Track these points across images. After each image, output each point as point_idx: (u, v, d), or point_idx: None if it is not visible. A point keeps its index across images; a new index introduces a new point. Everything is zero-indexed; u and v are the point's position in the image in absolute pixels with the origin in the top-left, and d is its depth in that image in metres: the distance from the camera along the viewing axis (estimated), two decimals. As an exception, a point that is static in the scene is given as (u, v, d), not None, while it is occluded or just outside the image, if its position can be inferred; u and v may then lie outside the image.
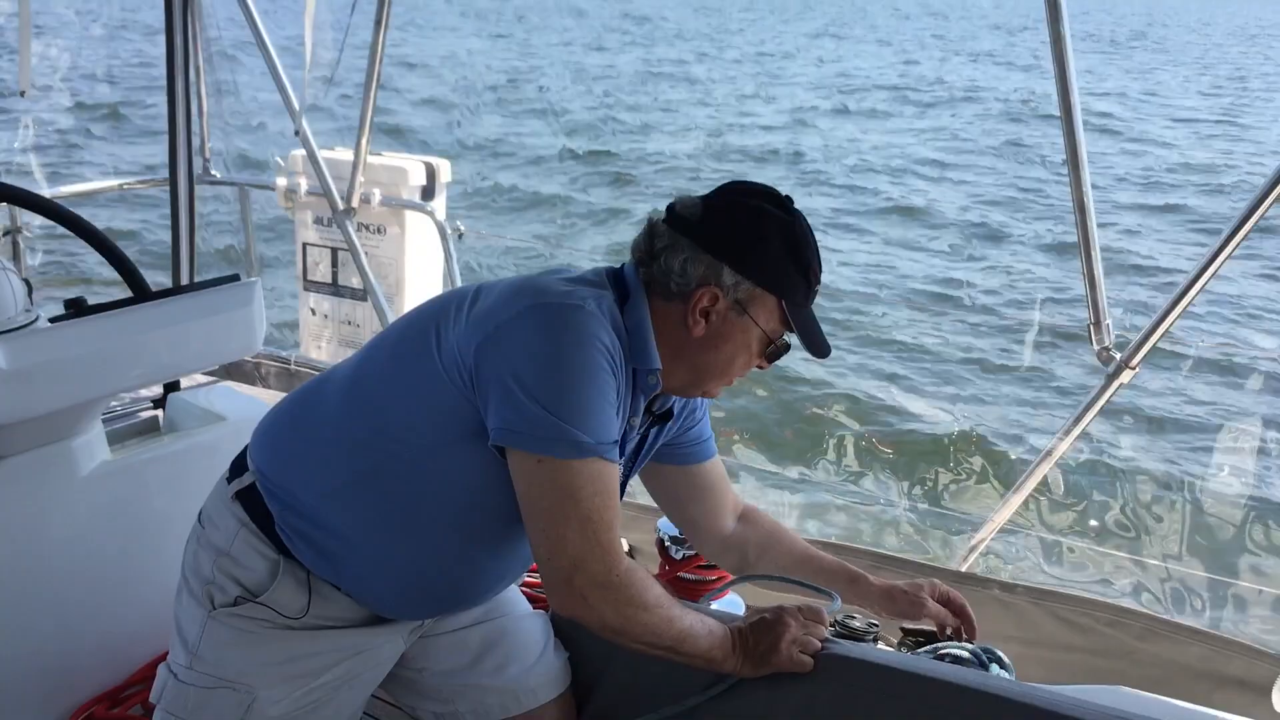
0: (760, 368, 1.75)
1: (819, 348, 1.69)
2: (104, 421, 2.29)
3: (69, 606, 2.17)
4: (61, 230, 2.35)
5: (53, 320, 2.10)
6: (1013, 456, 6.55)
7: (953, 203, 14.94)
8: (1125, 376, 2.88)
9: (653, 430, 1.82)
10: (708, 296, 1.64)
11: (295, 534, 1.67)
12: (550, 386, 1.52)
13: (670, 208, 1.70)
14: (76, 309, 2.10)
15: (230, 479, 1.75)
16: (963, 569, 3.19)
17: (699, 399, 1.89)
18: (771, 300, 1.66)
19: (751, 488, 5.45)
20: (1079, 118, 2.73)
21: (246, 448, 1.78)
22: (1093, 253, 2.83)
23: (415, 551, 1.68)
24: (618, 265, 1.73)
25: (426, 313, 1.69)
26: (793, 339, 1.72)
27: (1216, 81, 33.48)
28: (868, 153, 18.43)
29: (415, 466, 1.62)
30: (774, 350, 1.71)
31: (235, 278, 2.33)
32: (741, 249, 1.64)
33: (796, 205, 1.70)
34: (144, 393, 2.60)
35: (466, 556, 1.72)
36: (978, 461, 6.58)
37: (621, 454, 1.72)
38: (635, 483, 1.95)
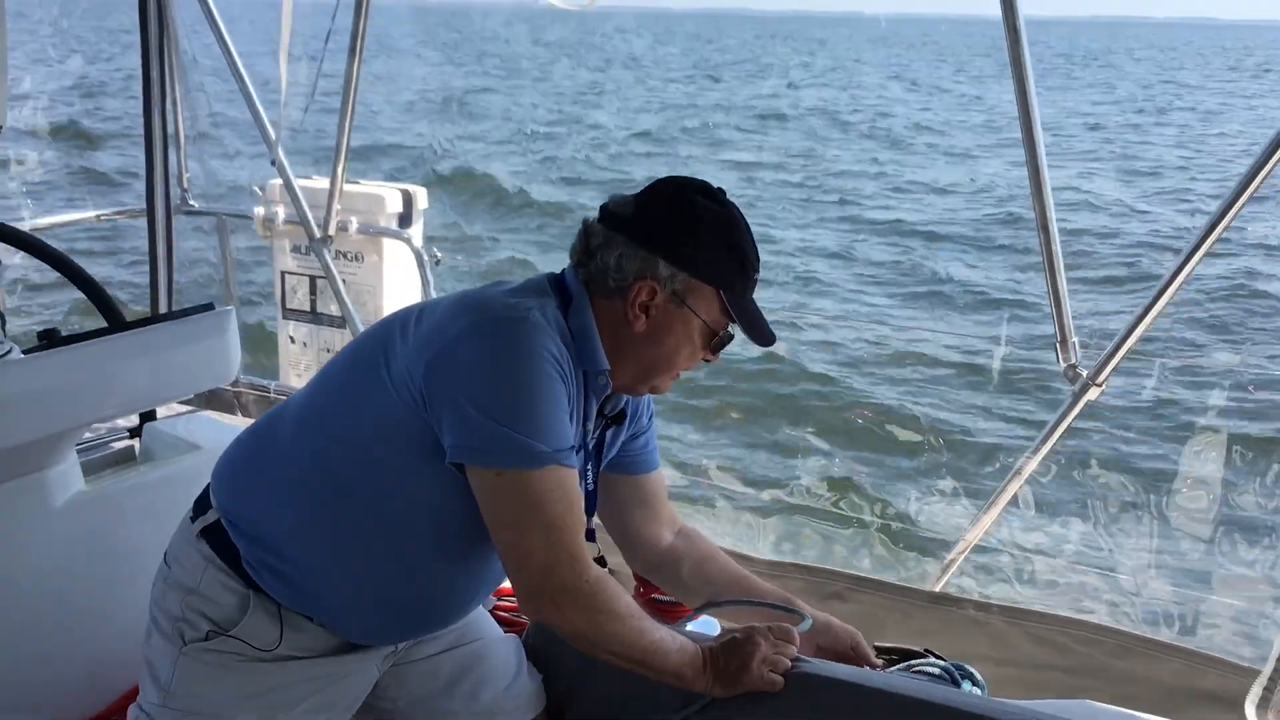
0: (707, 360, 1.76)
1: (762, 336, 1.70)
2: (79, 452, 2.29)
3: (43, 638, 2.16)
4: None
5: (26, 351, 2.10)
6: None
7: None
8: (1092, 394, 2.91)
9: (609, 432, 1.83)
10: (645, 290, 1.65)
11: (263, 567, 1.67)
12: (501, 399, 1.53)
13: (604, 207, 1.72)
14: (50, 340, 2.11)
15: (194, 517, 1.75)
16: (936, 589, 3.21)
17: (646, 404, 1.91)
18: (709, 290, 1.67)
19: (724, 508, 5.48)
20: (1040, 139, 2.76)
21: (209, 485, 1.78)
22: (1057, 271, 2.86)
23: (383, 576, 1.68)
24: (558, 271, 1.75)
25: (373, 336, 1.70)
26: (737, 329, 1.73)
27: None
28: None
29: (375, 491, 1.63)
30: (718, 341, 1.72)
31: (210, 306, 2.34)
32: (674, 240, 1.65)
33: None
34: (120, 423, 2.60)
35: (435, 577, 1.72)
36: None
37: (583, 454, 1.75)
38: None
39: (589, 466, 1.79)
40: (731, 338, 1.73)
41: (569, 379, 1.60)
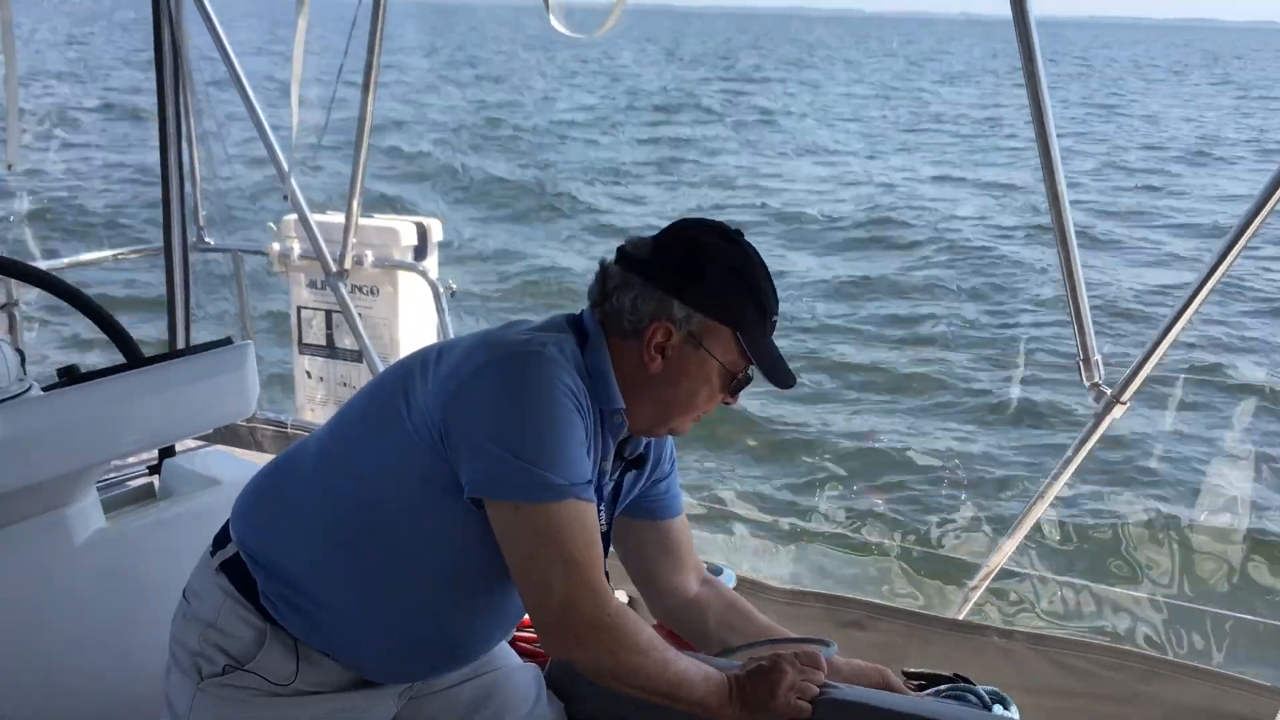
0: (726, 402, 1.75)
1: (781, 379, 1.69)
2: (99, 489, 2.29)
3: (65, 676, 2.16)
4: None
5: (46, 389, 2.11)
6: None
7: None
8: (1117, 412, 2.88)
9: (627, 476, 1.82)
10: (661, 331, 1.65)
11: (281, 601, 1.67)
12: (517, 433, 1.53)
13: (621, 248, 1.72)
14: (69, 377, 2.11)
15: (214, 551, 1.75)
16: (959, 616, 3.18)
17: (668, 451, 1.90)
18: (726, 332, 1.67)
19: (743, 534, 5.46)
20: (1057, 154, 2.75)
21: (229, 519, 1.78)
22: (1078, 289, 2.84)
23: (403, 614, 1.68)
24: (577, 312, 1.75)
25: (393, 375, 1.71)
26: (756, 371, 1.72)
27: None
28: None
29: (395, 530, 1.63)
30: (736, 383, 1.71)
31: (228, 341, 2.34)
32: (687, 280, 1.65)
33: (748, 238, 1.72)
34: (139, 459, 2.61)
35: (455, 615, 1.71)
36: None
37: (599, 501, 1.73)
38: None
39: (602, 509, 1.77)
40: (750, 379, 1.73)
41: (585, 413, 1.59)
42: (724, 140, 25.49)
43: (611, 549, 1.90)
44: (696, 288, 1.65)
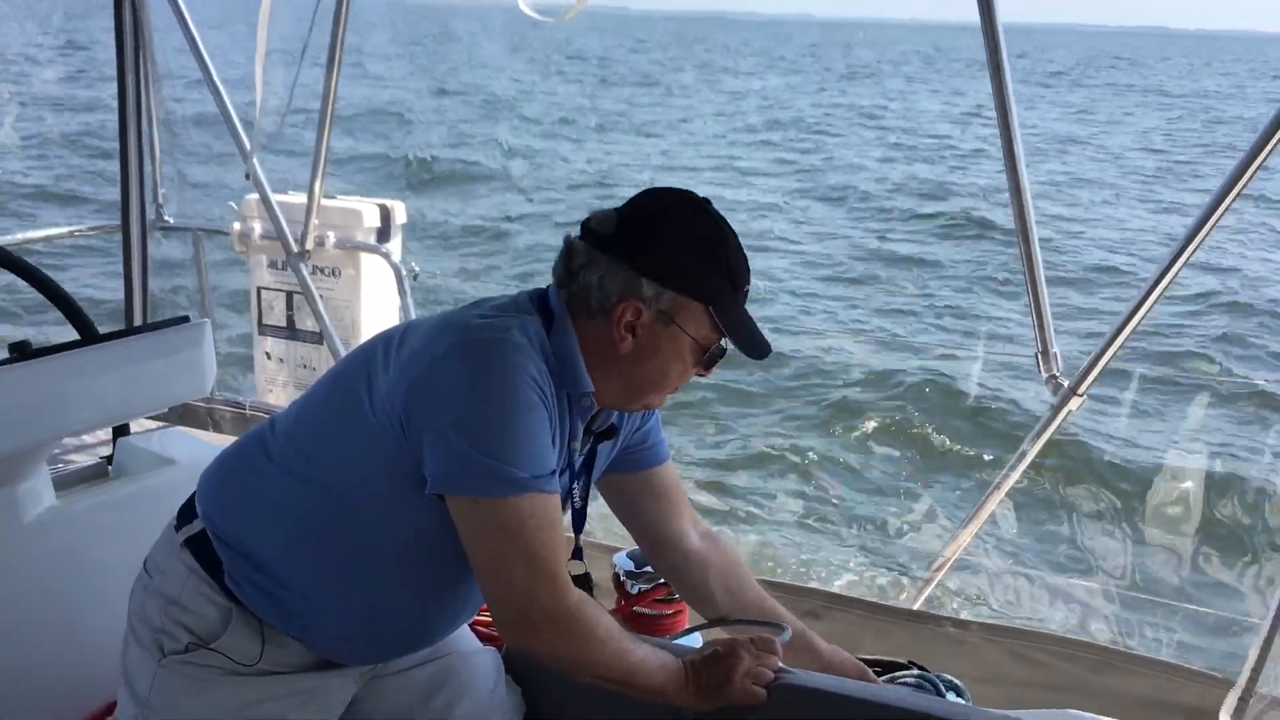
0: (701, 375, 1.72)
1: (756, 348, 1.66)
2: (50, 467, 2.26)
3: (15, 655, 2.12)
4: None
5: None
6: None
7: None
8: (1074, 404, 2.91)
9: (601, 447, 1.79)
10: (630, 310, 1.61)
11: (246, 582, 1.65)
12: (479, 426, 1.51)
13: (585, 223, 1.67)
14: (21, 352, 2.07)
15: (178, 526, 1.73)
16: (914, 607, 3.20)
17: None
18: (698, 307, 1.62)
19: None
20: (1020, 152, 2.77)
21: (194, 494, 1.76)
22: (1038, 282, 2.87)
23: (366, 600, 1.67)
24: (543, 288, 1.71)
25: (355, 360, 1.68)
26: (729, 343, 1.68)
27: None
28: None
29: (360, 516, 1.62)
30: (709, 356, 1.68)
31: (185, 319, 2.31)
32: (656, 257, 1.60)
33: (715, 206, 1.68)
34: (92, 438, 2.57)
35: (418, 602, 1.70)
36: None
37: (572, 479, 1.73)
38: (591, 519, 1.92)
39: (575, 485, 1.76)
40: (724, 352, 1.69)
41: (549, 400, 1.57)
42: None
43: (589, 534, 1.90)
44: (665, 264, 1.60)
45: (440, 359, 1.54)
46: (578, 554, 1.82)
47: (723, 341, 1.67)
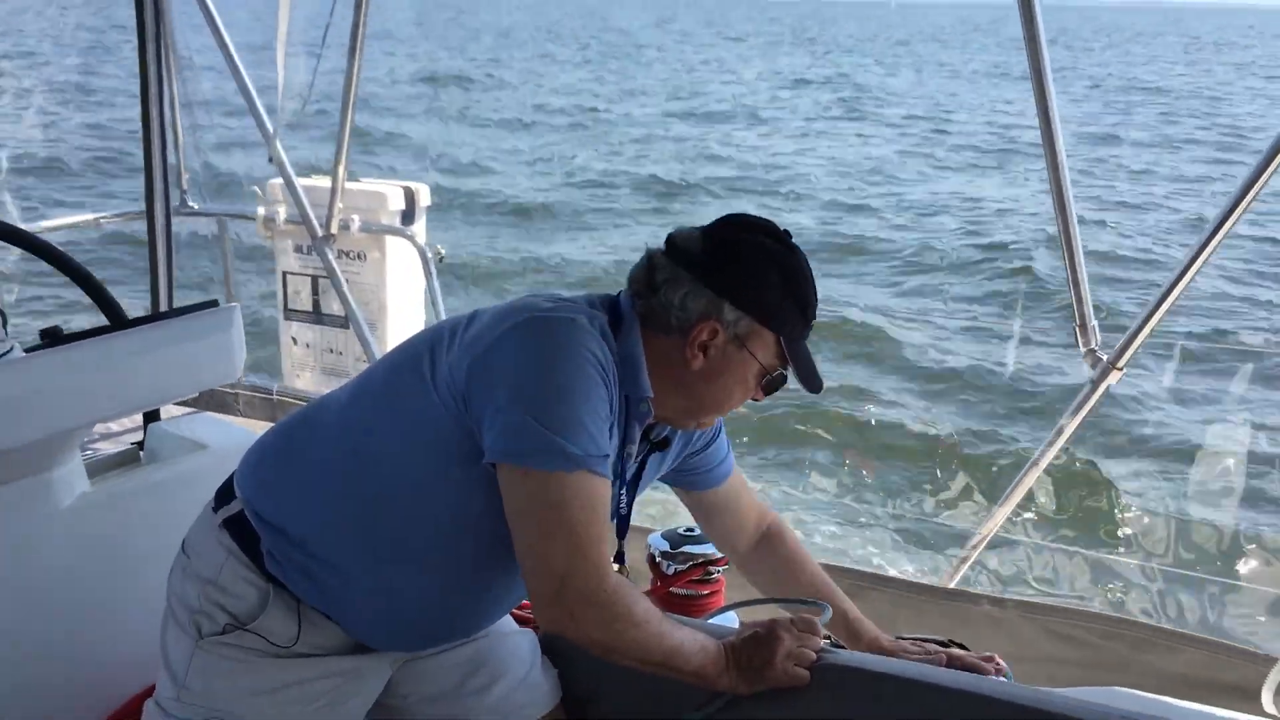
0: (756, 400, 1.74)
1: (813, 383, 1.70)
2: (83, 453, 2.26)
3: (52, 641, 2.13)
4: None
5: (28, 350, 2.07)
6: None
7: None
8: (1113, 378, 2.87)
9: (651, 459, 1.80)
10: (707, 331, 1.64)
11: (287, 561, 1.64)
12: (539, 397, 1.51)
13: (669, 239, 1.70)
14: (52, 338, 2.07)
15: (216, 507, 1.72)
16: (951, 585, 3.17)
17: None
18: (770, 336, 1.66)
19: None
20: (1057, 123, 2.73)
21: (232, 475, 1.75)
22: (1076, 256, 2.83)
23: (410, 584, 1.66)
24: (614, 294, 1.73)
25: (420, 341, 1.69)
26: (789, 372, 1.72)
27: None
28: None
29: (412, 496, 1.61)
30: (770, 383, 1.70)
31: (214, 303, 2.30)
32: (743, 285, 1.64)
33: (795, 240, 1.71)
34: (123, 424, 2.57)
35: (462, 589, 1.69)
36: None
37: (620, 481, 1.72)
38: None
39: (624, 491, 1.76)
40: (784, 380, 1.72)
41: (610, 386, 1.58)
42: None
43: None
44: (749, 290, 1.64)
45: (507, 333, 1.56)
46: (619, 559, 1.82)
47: (782, 371, 1.71)
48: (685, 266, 1.65)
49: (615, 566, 1.71)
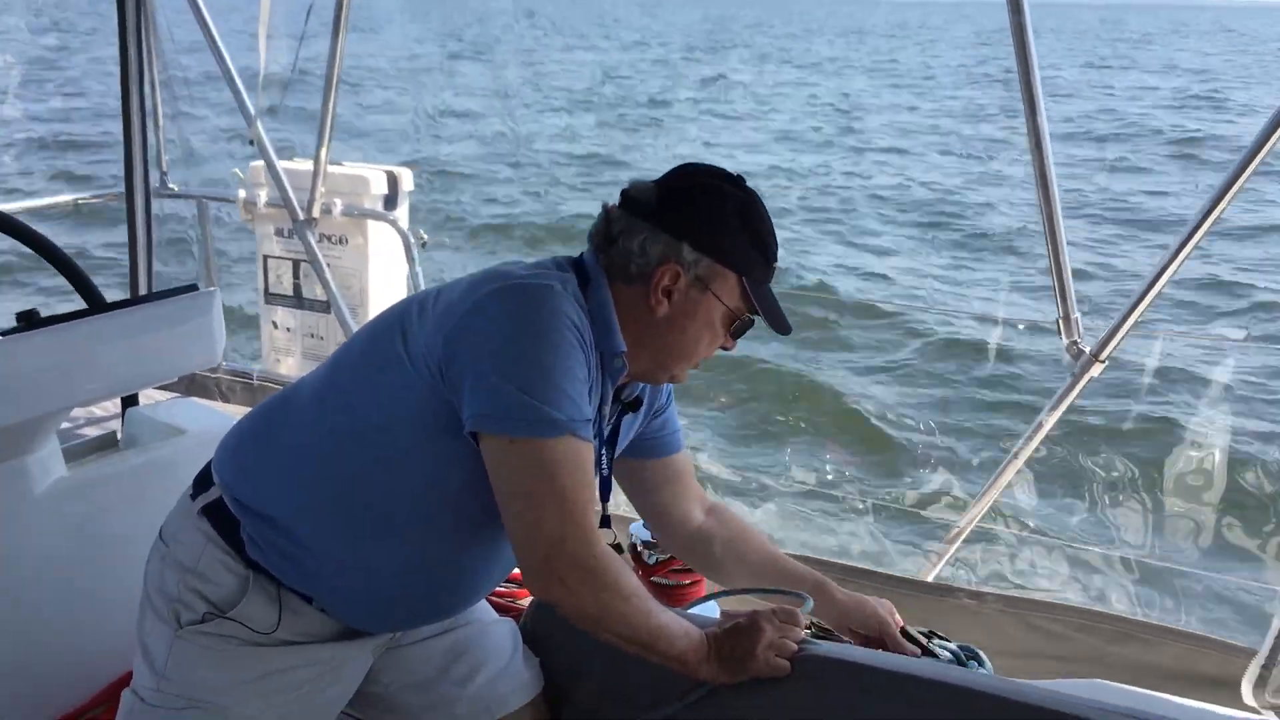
0: (725, 348, 1.74)
1: (781, 324, 1.70)
2: (60, 437, 2.23)
3: (28, 627, 2.11)
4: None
5: (4, 333, 2.04)
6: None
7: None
8: (1095, 370, 2.88)
9: (624, 419, 1.81)
10: (669, 274, 1.64)
11: (267, 545, 1.63)
12: (519, 364, 1.50)
13: (624, 192, 1.70)
14: (29, 321, 2.04)
15: (194, 494, 1.71)
16: (929, 578, 3.18)
17: (665, 387, 1.89)
18: (732, 277, 1.66)
19: (711, 495, 5.44)
20: (1043, 114, 2.74)
21: (210, 462, 1.74)
22: (1059, 247, 2.83)
23: (392, 561, 1.65)
24: (576, 254, 1.73)
25: (391, 316, 1.68)
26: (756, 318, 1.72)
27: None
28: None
29: (390, 470, 1.60)
30: (738, 327, 1.71)
31: (193, 288, 2.28)
32: (699, 225, 1.64)
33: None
34: (104, 408, 2.55)
35: (446, 563, 1.68)
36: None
37: (601, 445, 1.73)
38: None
39: (603, 452, 1.77)
40: (751, 324, 1.72)
41: (588, 349, 1.57)
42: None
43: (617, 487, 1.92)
44: (706, 231, 1.64)
45: (481, 302, 1.55)
46: (605, 523, 1.81)
47: (749, 315, 1.70)
48: (640, 215, 1.66)
49: (608, 537, 1.73)
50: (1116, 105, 28.35)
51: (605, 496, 1.81)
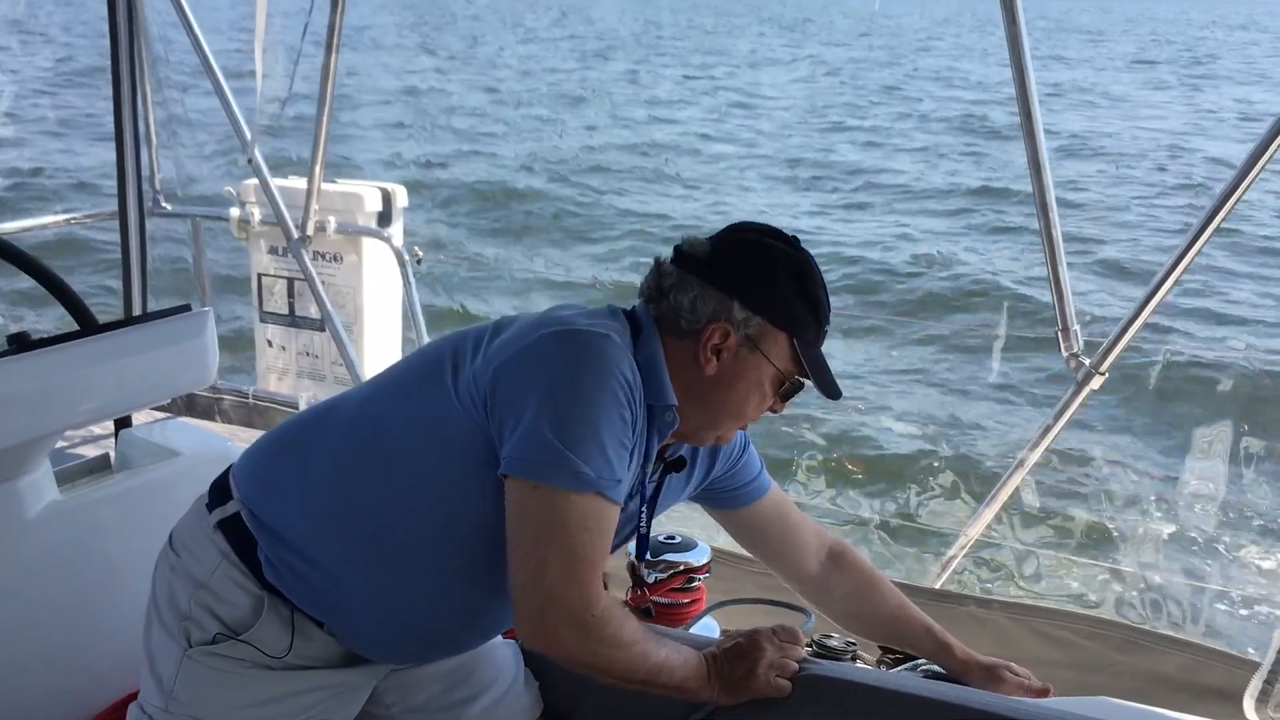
0: (774, 410, 1.72)
1: (831, 389, 1.67)
2: (52, 460, 2.21)
3: (22, 652, 2.09)
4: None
5: None
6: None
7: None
8: (1095, 382, 2.87)
9: (669, 478, 1.77)
10: (719, 333, 1.62)
11: (283, 566, 1.61)
12: (561, 411, 1.48)
13: (677, 248, 1.69)
14: (20, 344, 2.02)
15: (211, 506, 1.68)
16: (936, 586, 3.17)
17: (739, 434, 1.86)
18: (783, 338, 1.64)
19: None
20: (1039, 123, 2.73)
21: (229, 474, 1.71)
22: (1058, 259, 2.83)
23: (408, 594, 1.62)
24: (629, 306, 1.71)
25: (443, 346, 1.66)
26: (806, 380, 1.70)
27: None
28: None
29: (416, 502, 1.58)
30: (788, 389, 1.68)
31: (186, 308, 2.26)
32: (750, 284, 1.63)
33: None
34: (95, 430, 2.52)
35: (465, 601, 1.66)
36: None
37: (641, 503, 1.71)
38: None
39: (643, 509, 1.74)
40: (801, 387, 1.70)
41: (636, 406, 1.55)
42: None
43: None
44: (758, 291, 1.62)
45: (536, 343, 1.53)
46: (635, 576, 1.88)
47: (798, 378, 1.68)
48: (692, 271, 1.64)
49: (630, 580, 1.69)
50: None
51: (642, 554, 1.82)
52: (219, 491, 1.70)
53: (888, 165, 18.70)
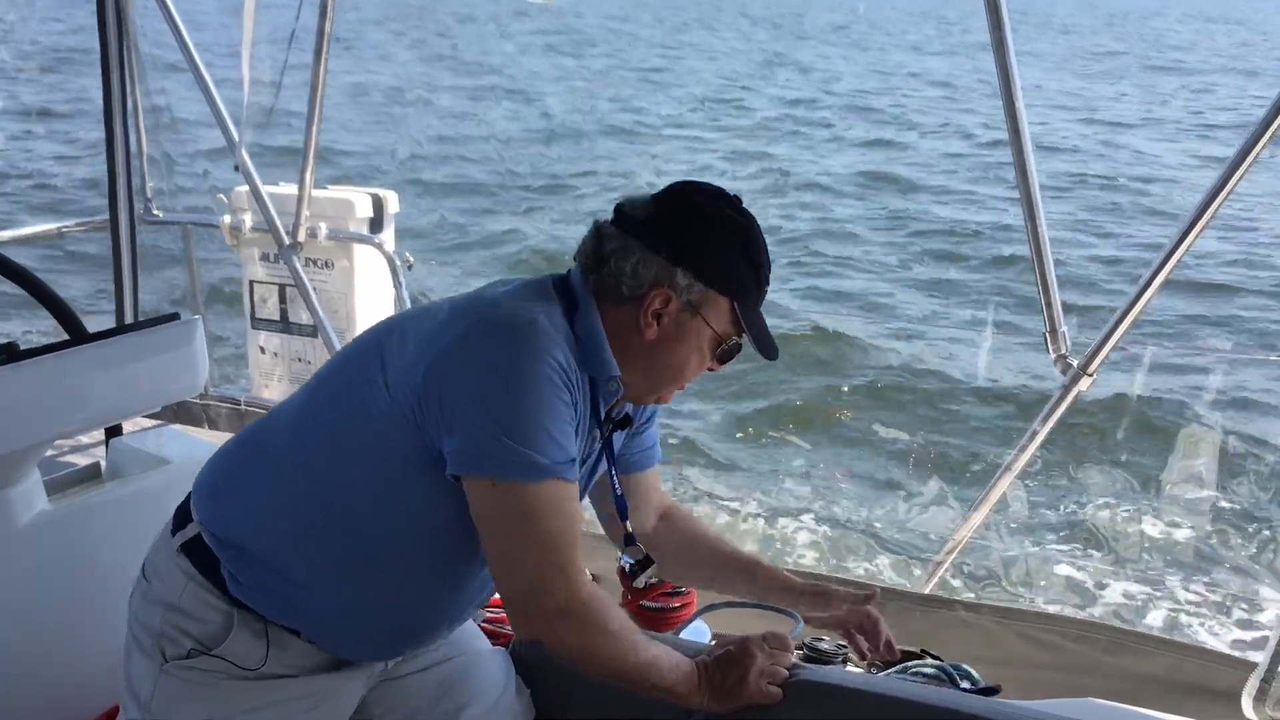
0: (712, 369, 1.71)
1: (769, 349, 1.66)
2: (42, 469, 2.21)
3: (11, 662, 2.08)
4: None
5: None
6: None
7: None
8: (1084, 384, 2.88)
9: (617, 435, 1.78)
10: (660, 299, 1.60)
11: (248, 581, 1.61)
12: (502, 408, 1.48)
13: (618, 208, 1.66)
14: (9, 354, 2.03)
15: (174, 530, 1.68)
16: (926, 590, 3.17)
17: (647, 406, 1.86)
18: (724, 302, 1.63)
19: (709, 511, 5.43)
20: (1026, 129, 2.74)
21: (189, 497, 1.71)
22: (1045, 261, 2.83)
23: (374, 591, 1.63)
24: (562, 272, 1.69)
25: (368, 342, 1.65)
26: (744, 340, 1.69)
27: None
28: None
29: (371, 504, 1.58)
30: (725, 351, 1.68)
31: (175, 316, 2.26)
32: (694, 250, 1.60)
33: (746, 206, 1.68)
34: (85, 438, 2.52)
35: (428, 592, 1.67)
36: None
37: (609, 465, 1.72)
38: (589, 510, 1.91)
39: (612, 472, 1.75)
40: (740, 348, 1.69)
41: (575, 388, 1.55)
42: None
43: (590, 525, 1.89)
44: (701, 257, 1.60)
45: (463, 338, 1.51)
46: (630, 540, 1.83)
47: (737, 339, 1.67)
48: (635, 234, 1.62)
49: (638, 554, 1.78)
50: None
51: (624, 516, 1.81)
52: (181, 514, 1.70)
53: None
